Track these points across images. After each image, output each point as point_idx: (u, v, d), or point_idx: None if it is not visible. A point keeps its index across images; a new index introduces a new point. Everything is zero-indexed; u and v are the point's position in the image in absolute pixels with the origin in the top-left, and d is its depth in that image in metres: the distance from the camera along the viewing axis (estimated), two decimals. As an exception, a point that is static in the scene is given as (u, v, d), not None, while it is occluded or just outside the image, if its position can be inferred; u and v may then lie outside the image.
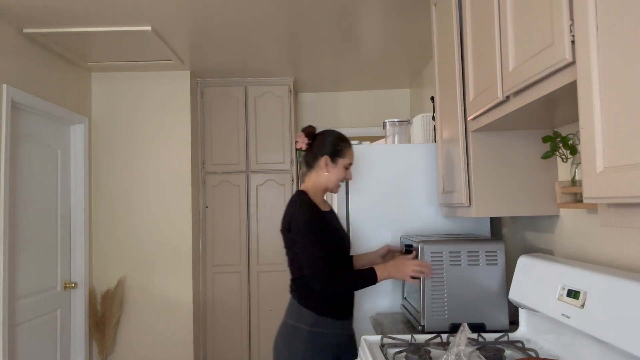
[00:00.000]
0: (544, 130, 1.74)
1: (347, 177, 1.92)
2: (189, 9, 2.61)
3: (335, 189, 1.92)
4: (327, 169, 1.88)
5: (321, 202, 1.91)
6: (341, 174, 1.89)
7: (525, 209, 1.76)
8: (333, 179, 1.89)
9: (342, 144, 1.90)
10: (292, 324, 1.82)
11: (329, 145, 1.89)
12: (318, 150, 1.89)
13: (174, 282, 3.59)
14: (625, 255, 1.40)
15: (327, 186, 1.90)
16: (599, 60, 0.85)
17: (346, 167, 1.90)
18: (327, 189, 1.92)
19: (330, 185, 1.90)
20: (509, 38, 1.26)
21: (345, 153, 1.89)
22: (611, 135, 0.82)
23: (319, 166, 1.89)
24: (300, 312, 1.81)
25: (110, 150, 3.62)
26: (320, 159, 1.88)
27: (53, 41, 2.95)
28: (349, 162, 1.90)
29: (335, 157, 1.88)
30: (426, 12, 2.71)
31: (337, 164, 1.89)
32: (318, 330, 1.79)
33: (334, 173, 1.88)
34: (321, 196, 1.92)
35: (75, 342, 3.34)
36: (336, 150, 1.88)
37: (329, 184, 1.89)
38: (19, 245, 2.79)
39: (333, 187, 1.91)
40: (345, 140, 1.93)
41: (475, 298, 1.82)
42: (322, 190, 1.92)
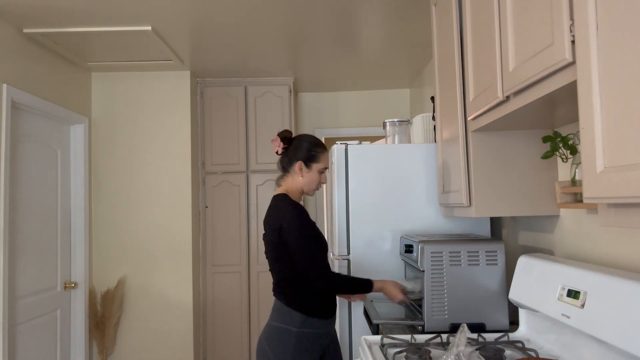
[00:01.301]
0: (544, 130, 1.74)
1: (322, 181, 1.95)
2: (189, 9, 2.61)
3: (310, 192, 1.97)
4: (301, 173, 1.92)
5: None
6: (315, 178, 1.93)
7: (525, 209, 1.76)
8: (308, 183, 1.93)
9: (317, 149, 1.93)
10: (279, 326, 1.84)
11: (303, 150, 1.92)
12: (293, 155, 1.93)
13: (174, 282, 3.59)
14: (625, 255, 1.40)
15: (302, 190, 1.95)
16: (599, 60, 0.85)
17: (320, 172, 1.94)
18: (303, 192, 1.97)
19: (306, 189, 1.95)
20: (509, 38, 1.26)
21: (320, 158, 1.92)
22: (611, 135, 0.82)
23: (294, 171, 1.93)
24: (288, 314, 1.83)
25: (110, 150, 3.62)
26: (295, 163, 1.92)
27: (53, 41, 2.95)
28: (323, 167, 1.93)
29: (309, 162, 1.91)
30: (426, 12, 2.71)
31: (312, 169, 1.92)
32: (306, 331, 1.82)
33: (308, 177, 1.92)
34: (299, 199, 1.97)
35: (75, 342, 3.34)
36: (310, 156, 1.91)
37: (304, 187, 1.94)
38: (19, 245, 2.79)
39: (308, 191, 1.96)
40: (319, 145, 1.95)
41: (475, 298, 1.82)
42: (298, 194, 1.96)
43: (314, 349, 1.84)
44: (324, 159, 1.94)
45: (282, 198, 1.90)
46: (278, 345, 1.81)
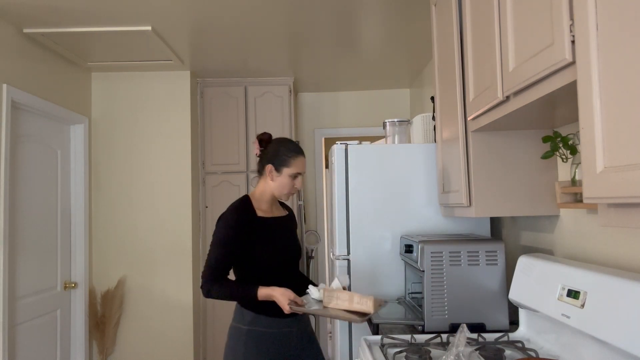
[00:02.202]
0: (544, 130, 1.74)
1: (296, 186, 1.90)
2: (189, 9, 2.61)
3: (282, 197, 1.92)
4: (271, 177, 1.89)
5: (267, 209, 1.92)
6: (286, 182, 1.88)
7: (525, 209, 1.76)
8: (278, 188, 1.89)
9: (289, 154, 1.88)
10: (234, 325, 1.86)
11: (275, 154, 1.89)
12: (265, 158, 1.91)
13: (174, 282, 3.59)
14: (625, 255, 1.40)
15: (274, 194, 1.91)
16: (599, 60, 0.85)
17: (293, 177, 1.88)
18: (276, 197, 1.93)
19: (276, 193, 1.91)
20: (509, 38, 1.26)
21: (291, 163, 1.87)
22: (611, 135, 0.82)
23: (265, 174, 1.91)
24: (240, 313, 1.85)
25: (110, 150, 3.62)
26: (266, 167, 1.89)
27: (53, 41, 2.95)
28: (295, 172, 1.88)
29: (279, 166, 1.87)
30: (426, 12, 2.71)
31: (282, 173, 1.88)
32: (254, 329, 1.81)
33: (278, 182, 1.88)
34: (268, 203, 1.93)
35: (75, 342, 3.34)
36: (281, 160, 1.87)
37: (274, 191, 1.90)
38: (19, 245, 2.79)
39: (279, 195, 1.91)
40: (293, 150, 1.89)
41: (475, 298, 1.82)
42: (269, 197, 1.93)
43: (266, 349, 1.81)
44: (296, 164, 1.88)
45: (240, 198, 1.91)
46: (231, 342, 1.84)
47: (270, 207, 1.94)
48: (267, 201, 1.92)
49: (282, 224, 1.96)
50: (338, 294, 1.75)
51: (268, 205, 1.93)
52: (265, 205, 1.92)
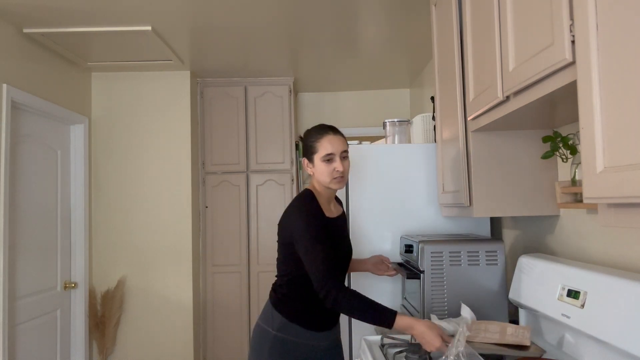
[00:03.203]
0: (544, 130, 1.74)
1: (337, 169, 1.72)
2: (189, 9, 2.61)
3: (331, 185, 1.74)
4: (310, 170, 1.79)
5: (327, 207, 1.80)
6: (323, 169, 1.73)
7: (525, 209, 1.76)
8: (319, 177, 1.75)
9: (310, 140, 1.77)
10: (262, 326, 1.77)
11: (303, 147, 1.83)
12: (302, 154, 1.84)
13: (174, 282, 3.59)
14: (625, 255, 1.40)
15: (321, 183, 1.77)
16: (599, 60, 0.85)
17: (326, 160, 1.72)
18: (326, 186, 1.77)
19: (323, 183, 1.76)
20: (509, 38, 1.26)
21: (316, 147, 1.74)
22: (611, 135, 0.82)
23: (305, 169, 1.84)
24: (271, 314, 1.76)
25: (110, 150, 3.62)
26: (302, 163, 1.83)
27: (53, 41, 2.95)
28: (325, 154, 1.72)
29: (310, 156, 1.77)
30: (426, 12, 2.71)
31: (314, 161, 1.76)
32: (282, 335, 1.71)
33: (316, 172, 1.76)
34: (325, 198, 1.80)
35: (75, 342, 3.34)
36: (307, 149, 1.78)
37: (321, 182, 1.76)
38: (19, 245, 2.79)
39: (327, 184, 1.75)
40: (313, 133, 1.78)
41: (475, 298, 1.82)
42: (323, 192, 1.79)
43: (289, 356, 1.71)
44: (322, 146, 1.73)
45: (300, 195, 1.79)
46: (256, 345, 1.77)
47: (329, 205, 1.82)
48: (325, 197, 1.80)
49: (342, 225, 1.86)
50: (487, 326, 1.54)
51: (326, 202, 1.80)
52: (324, 202, 1.79)
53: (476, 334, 1.51)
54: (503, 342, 1.47)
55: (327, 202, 1.81)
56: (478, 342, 1.49)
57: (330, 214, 1.79)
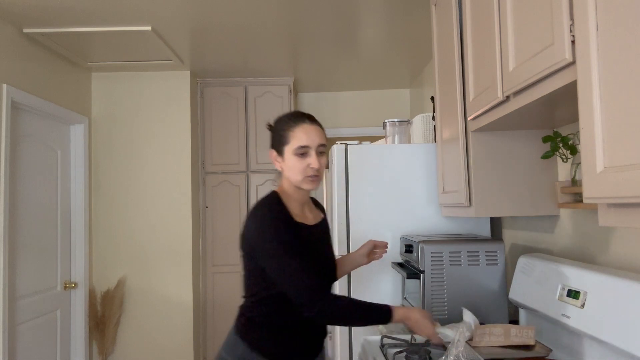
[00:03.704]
0: (544, 130, 1.74)
1: (311, 165, 1.42)
2: (189, 9, 2.61)
3: (304, 183, 1.44)
4: (278, 165, 1.49)
5: (299, 211, 1.49)
6: (295, 164, 1.42)
7: (525, 209, 1.76)
8: (289, 174, 1.45)
9: (282, 128, 1.46)
10: (222, 356, 1.47)
11: (272, 136, 1.50)
12: (270, 145, 1.52)
13: (174, 282, 3.59)
14: (625, 255, 1.40)
15: (291, 182, 1.47)
16: (599, 60, 0.85)
17: (299, 154, 1.42)
18: (297, 186, 1.47)
19: (293, 182, 1.46)
20: (509, 38, 1.26)
21: (288, 137, 1.43)
22: (611, 135, 0.82)
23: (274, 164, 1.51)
24: (232, 342, 1.46)
25: (110, 150, 3.62)
26: (270, 155, 1.51)
27: (53, 41, 2.95)
28: (298, 146, 1.41)
29: (279, 147, 1.46)
30: (426, 12, 2.71)
31: (284, 154, 1.45)
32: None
33: (286, 167, 1.46)
34: (298, 201, 1.49)
35: (75, 342, 3.34)
36: (277, 139, 1.47)
37: (291, 180, 1.46)
38: (19, 245, 2.79)
39: (298, 183, 1.44)
40: (285, 121, 1.47)
41: (475, 298, 1.82)
42: (294, 193, 1.48)
43: None
44: (295, 137, 1.42)
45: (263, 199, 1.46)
46: None
47: (302, 209, 1.51)
48: (296, 199, 1.49)
49: (322, 233, 1.57)
50: (491, 330, 1.51)
51: (298, 206, 1.49)
52: (296, 206, 1.49)
53: (481, 338, 1.50)
54: (508, 344, 1.47)
55: (300, 207, 1.50)
56: (484, 346, 1.48)
57: (305, 220, 1.49)
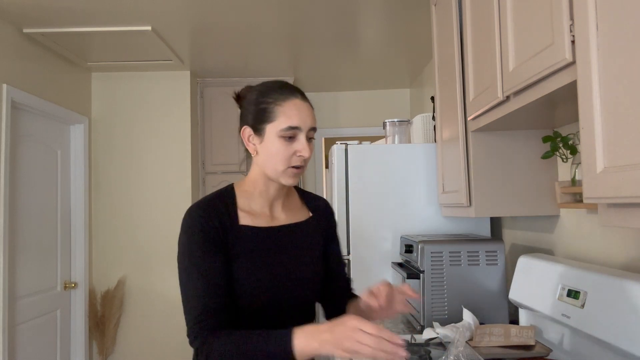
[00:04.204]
0: (544, 130, 1.74)
1: (299, 152, 1.10)
2: (189, 10, 2.61)
3: (285, 175, 1.11)
4: (253, 147, 1.14)
5: (261, 209, 1.17)
6: (280, 148, 1.09)
7: (525, 209, 1.76)
8: (268, 161, 1.11)
9: (263, 100, 1.12)
10: None
11: (248, 107, 1.14)
12: (240, 120, 1.18)
13: (174, 282, 3.59)
14: (625, 255, 1.40)
15: (267, 174, 1.14)
16: (599, 60, 0.85)
17: (287, 137, 1.09)
18: (273, 179, 1.14)
19: (270, 172, 1.12)
20: (509, 38, 1.26)
21: (274, 113, 1.09)
22: (611, 135, 0.82)
23: (246, 145, 1.16)
24: None
25: (110, 150, 3.62)
26: (242, 132, 1.15)
27: (53, 41, 2.95)
28: (287, 126, 1.08)
29: (257, 124, 1.11)
30: (426, 12, 2.71)
31: (266, 135, 1.10)
32: None
33: (264, 151, 1.11)
34: (264, 198, 1.17)
35: (75, 342, 3.34)
36: (255, 113, 1.12)
37: (267, 170, 1.13)
38: (19, 245, 2.79)
39: (281, 173, 1.11)
40: (270, 92, 1.12)
41: (475, 298, 1.82)
42: (264, 187, 1.16)
43: None
44: (283, 113, 1.09)
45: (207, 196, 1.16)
46: None
47: (268, 207, 1.18)
48: (263, 194, 1.17)
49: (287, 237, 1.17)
50: (491, 330, 1.48)
51: (264, 203, 1.17)
52: (258, 203, 1.17)
53: (481, 338, 1.50)
54: (508, 344, 1.47)
55: (264, 204, 1.18)
56: (484, 346, 1.47)
57: (260, 222, 1.15)
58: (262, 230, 1.14)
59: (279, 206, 1.21)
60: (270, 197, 1.18)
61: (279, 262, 1.14)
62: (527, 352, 1.43)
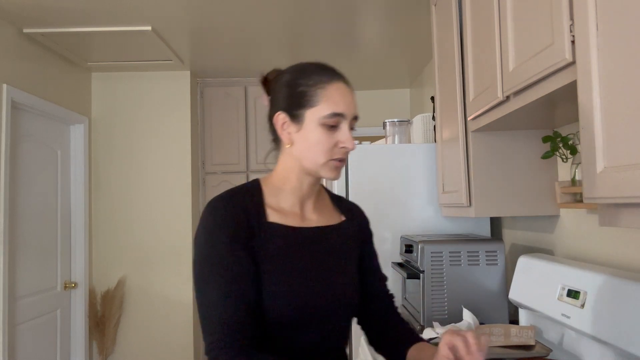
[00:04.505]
0: (544, 130, 1.74)
1: (343, 143, 0.98)
2: (189, 10, 2.61)
3: (326, 168, 0.98)
4: (288, 136, 1.00)
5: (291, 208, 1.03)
6: (321, 138, 0.96)
7: (525, 209, 1.76)
8: (306, 152, 0.98)
9: (303, 83, 0.98)
10: None
11: (282, 91, 1.01)
12: (272, 106, 1.05)
13: (174, 282, 3.59)
14: (625, 255, 1.40)
15: (304, 167, 1.00)
16: (599, 60, 0.85)
17: (330, 125, 0.96)
18: (311, 172, 1.00)
19: (308, 164, 0.99)
20: (509, 38, 1.26)
21: (315, 97, 0.97)
22: (611, 135, 0.82)
23: (281, 138, 1.03)
24: None
25: (110, 150, 3.62)
26: (275, 118, 1.01)
27: (53, 41, 2.95)
28: (331, 112, 0.96)
29: (295, 109, 0.98)
30: (426, 12, 2.71)
31: (304, 121, 0.97)
32: None
33: (303, 140, 0.98)
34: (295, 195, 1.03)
35: (75, 342, 3.34)
36: (293, 97, 0.99)
37: (304, 162, 0.99)
38: (19, 245, 2.79)
39: (321, 167, 0.98)
40: (310, 73, 0.99)
41: (475, 298, 1.82)
42: (297, 183, 1.02)
43: None
44: (327, 98, 0.96)
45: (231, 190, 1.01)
46: None
47: (299, 205, 1.04)
48: (295, 191, 1.03)
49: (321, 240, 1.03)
50: (490, 330, 1.45)
51: (295, 200, 1.04)
52: (288, 200, 1.03)
53: None
54: (508, 344, 1.46)
55: (296, 201, 1.04)
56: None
57: (292, 221, 1.01)
58: (293, 230, 0.99)
59: (310, 205, 1.07)
60: (303, 194, 1.04)
61: (313, 268, 0.99)
62: (527, 352, 1.43)
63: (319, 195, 1.10)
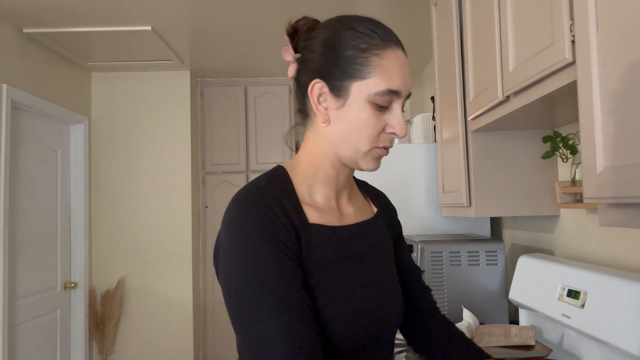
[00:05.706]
0: (544, 130, 1.74)
1: (393, 128, 0.80)
2: (189, 9, 2.61)
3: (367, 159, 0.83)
4: (324, 112, 0.80)
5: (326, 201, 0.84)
6: (369, 120, 0.77)
7: (525, 209, 1.76)
8: (347, 134, 0.79)
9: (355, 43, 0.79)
10: None
11: (321, 51, 0.83)
12: (303, 69, 0.85)
13: (174, 282, 3.59)
14: (625, 255, 1.40)
15: (339, 153, 0.82)
16: (599, 60, 0.85)
17: (381, 104, 0.77)
18: (345, 160, 0.83)
19: (346, 150, 0.80)
20: (509, 38, 1.26)
21: (369, 65, 0.77)
22: (611, 135, 0.82)
23: (309, 112, 0.84)
24: None
25: (110, 150, 3.62)
26: (310, 87, 0.81)
27: (53, 41, 2.95)
28: (386, 88, 0.76)
29: (339, 80, 0.78)
30: (426, 12, 2.71)
31: (349, 96, 0.77)
32: None
33: (346, 119, 0.78)
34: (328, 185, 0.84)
35: (75, 342, 3.34)
36: (340, 62, 0.78)
37: (341, 146, 0.81)
38: (19, 245, 2.79)
39: (363, 156, 0.82)
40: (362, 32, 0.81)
41: (475, 298, 1.82)
42: (330, 167, 0.84)
43: None
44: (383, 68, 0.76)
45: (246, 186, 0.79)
46: None
47: (335, 198, 0.86)
48: (331, 180, 0.85)
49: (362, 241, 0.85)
50: (490, 330, 1.44)
51: (330, 192, 0.85)
52: (323, 193, 0.84)
53: (481, 339, 1.48)
54: (508, 344, 1.46)
55: (332, 192, 0.86)
56: (484, 346, 1.45)
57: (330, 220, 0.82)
58: (335, 232, 0.80)
59: (345, 197, 0.88)
60: (340, 185, 0.85)
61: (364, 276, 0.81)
62: (527, 352, 1.43)
63: (351, 185, 0.91)
